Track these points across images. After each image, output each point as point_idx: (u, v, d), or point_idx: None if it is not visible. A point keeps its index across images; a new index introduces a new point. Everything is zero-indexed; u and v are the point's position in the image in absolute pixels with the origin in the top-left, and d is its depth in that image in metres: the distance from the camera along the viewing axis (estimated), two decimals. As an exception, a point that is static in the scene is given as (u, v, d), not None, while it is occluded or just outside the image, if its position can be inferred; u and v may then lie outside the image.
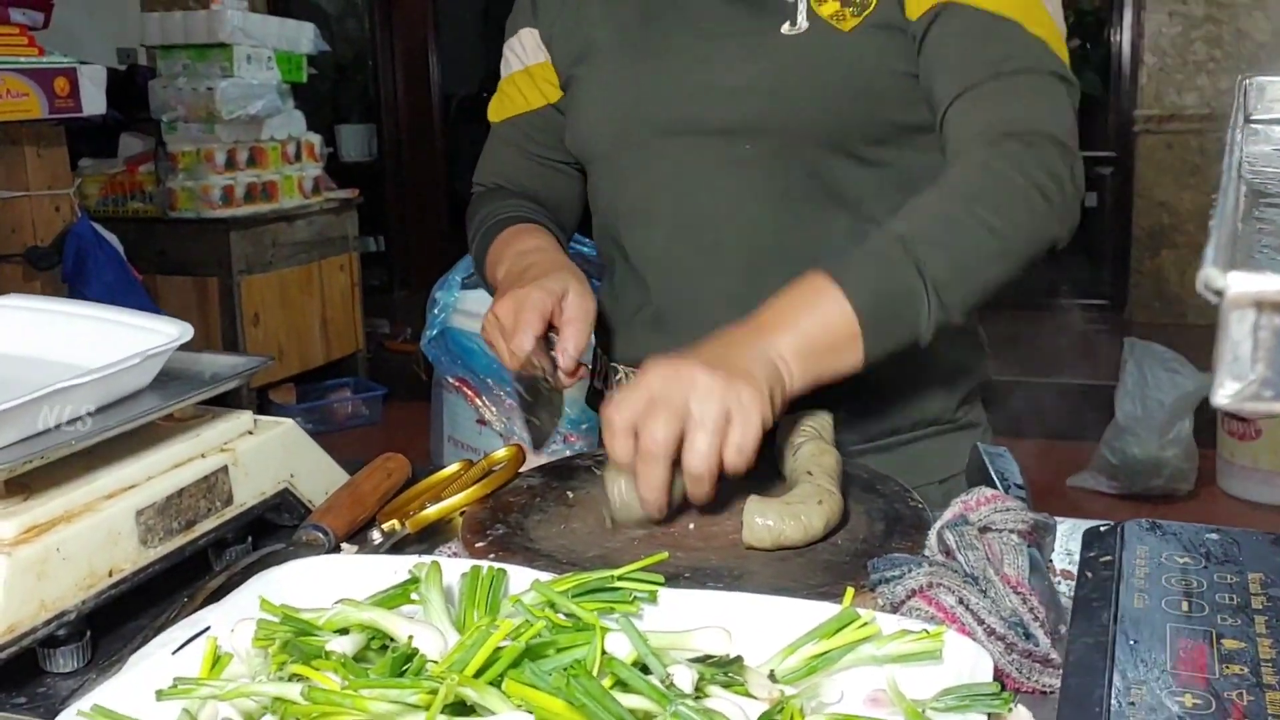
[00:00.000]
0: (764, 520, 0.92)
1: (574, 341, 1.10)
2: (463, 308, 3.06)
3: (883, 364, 1.02)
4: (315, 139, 4.92)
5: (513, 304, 1.10)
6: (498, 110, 1.41)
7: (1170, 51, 5.24)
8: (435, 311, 3.06)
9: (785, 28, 1.15)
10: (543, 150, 1.38)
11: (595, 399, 1.37)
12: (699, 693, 0.69)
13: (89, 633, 0.88)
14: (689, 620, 0.77)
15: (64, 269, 3.47)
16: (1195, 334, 5.02)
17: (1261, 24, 5.11)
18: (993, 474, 1.04)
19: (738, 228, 1.20)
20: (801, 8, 1.14)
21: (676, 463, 0.92)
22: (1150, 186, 5.31)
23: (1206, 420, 3.95)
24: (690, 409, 0.90)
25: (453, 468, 1.15)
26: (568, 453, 2.18)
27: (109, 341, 1.01)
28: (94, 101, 3.47)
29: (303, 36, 4.79)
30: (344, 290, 5.08)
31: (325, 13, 7.16)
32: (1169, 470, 3.85)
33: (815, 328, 0.99)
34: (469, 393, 2.97)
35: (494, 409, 2.91)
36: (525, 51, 1.34)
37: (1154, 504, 3.86)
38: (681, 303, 1.24)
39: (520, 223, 1.29)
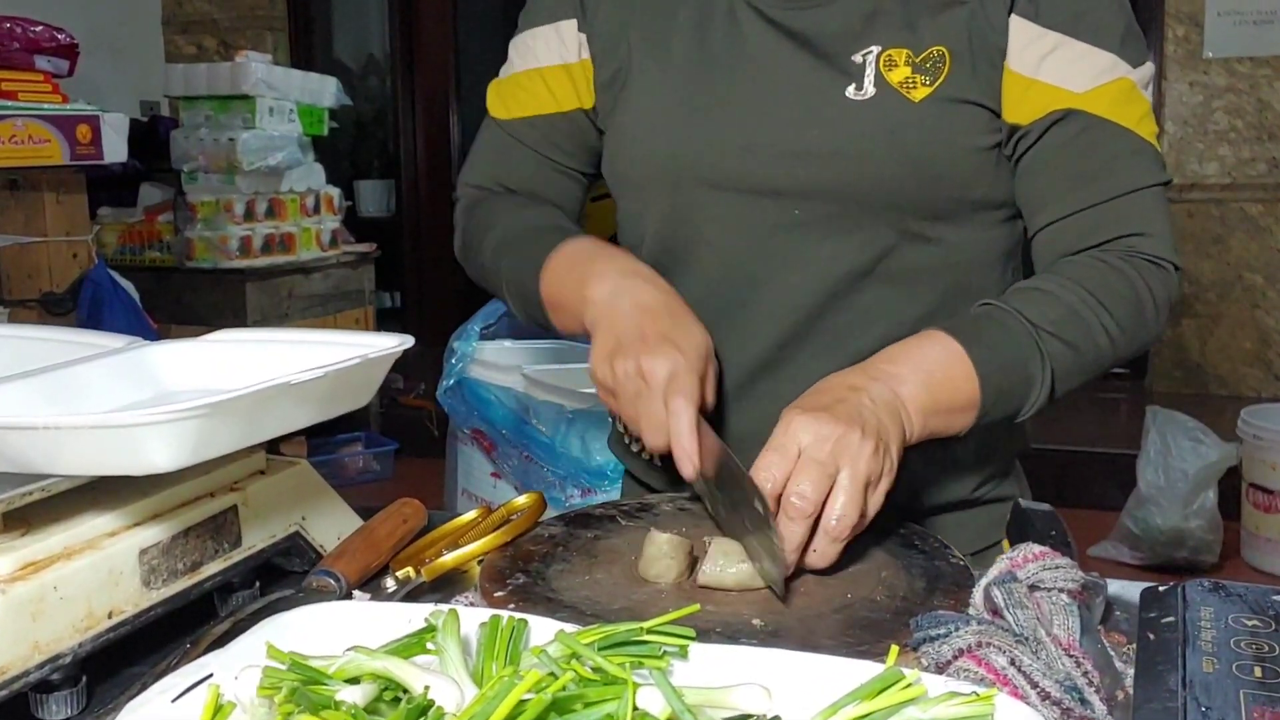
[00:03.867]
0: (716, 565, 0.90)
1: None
2: (481, 358, 3.02)
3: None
4: (335, 192, 4.92)
5: (663, 375, 0.98)
6: (513, 105, 1.27)
7: (1191, 121, 5.23)
8: (453, 361, 3.02)
9: (851, 91, 1.09)
10: (563, 156, 1.26)
11: (617, 443, 1.32)
12: (734, 755, 0.64)
13: (84, 678, 0.83)
14: (722, 677, 0.72)
15: (79, 315, 3.46)
16: (1216, 404, 4.96)
17: (1283, 95, 5.11)
18: (1037, 531, 1.00)
19: (774, 293, 1.15)
20: (870, 72, 1.09)
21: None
22: (1171, 255, 5.28)
23: (1230, 491, 3.88)
24: (840, 471, 0.90)
25: (470, 514, 1.10)
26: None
27: (333, 357, 0.95)
28: (115, 149, 3.47)
29: (325, 90, 4.80)
30: (358, 344, 5.04)
31: (347, 68, 7.21)
32: (1193, 542, 3.78)
33: (942, 390, 0.99)
34: (485, 445, 2.92)
35: (510, 462, 2.86)
36: (564, 46, 1.22)
37: (1178, 576, 3.76)
38: None
39: (574, 236, 1.16)
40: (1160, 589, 0.80)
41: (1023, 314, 1.03)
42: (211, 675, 0.74)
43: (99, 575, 0.84)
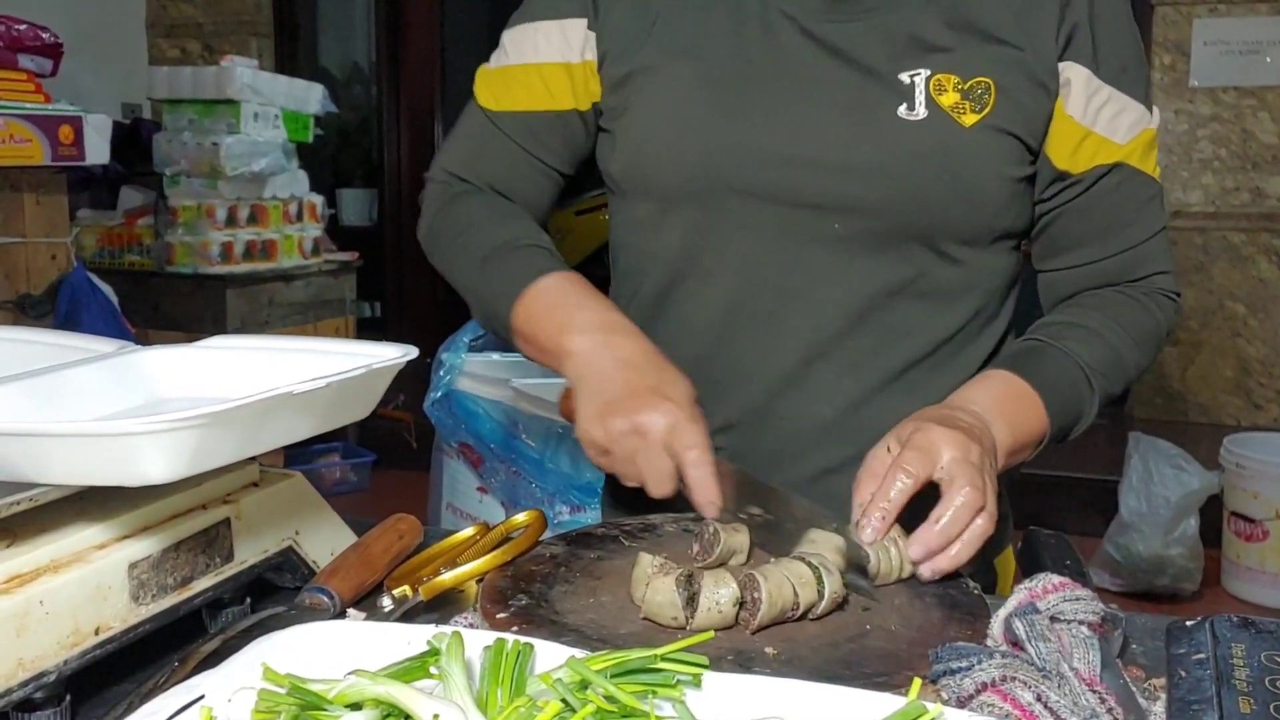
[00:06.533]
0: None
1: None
2: (469, 370, 2.97)
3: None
4: (318, 200, 4.88)
5: (657, 436, 0.99)
6: (503, 97, 1.24)
7: (1176, 149, 5.25)
8: (440, 374, 2.97)
9: (902, 110, 1.09)
10: (546, 154, 1.24)
11: None
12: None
13: (69, 696, 0.79)
14: (736, 708, 0.69)
15: (55, 318, 3.40)
16: (1196, 431, 4.97)
17: (1267, 124, 5.13)
18: (1052, 559, 0.98)
19: (804, 307, 1.14)
20: (920, 94, 1.09)
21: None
22: (1153, 282, 5.28)
23: (1212, 519, 3.88)
24: (987, 488, 0.96)
25: (468, 532, 1.07)
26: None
27: (334, 367, 0.92)
28: (97, 151, 3.43)
29: (311, 97, 4.75)
30: (338, 353, 5.00)
31: (332, 76, 7.17)
32: (1174, 569, 3.77)
33: (1022, 431, 1.06)
34: (472, 459, 2.88)
35: (497, 477, 2.82)
36: (569, 44, 1.19)
37: (1158, 603, 3.78)
38: (725, 371, 1.17)
39: (551, 270, 1.15)
40: (1188, 623, 0.78)
41: (1080, 358, 1.11)
42: (203, 696, 0.71)
43: (86, 590, 0.80)
